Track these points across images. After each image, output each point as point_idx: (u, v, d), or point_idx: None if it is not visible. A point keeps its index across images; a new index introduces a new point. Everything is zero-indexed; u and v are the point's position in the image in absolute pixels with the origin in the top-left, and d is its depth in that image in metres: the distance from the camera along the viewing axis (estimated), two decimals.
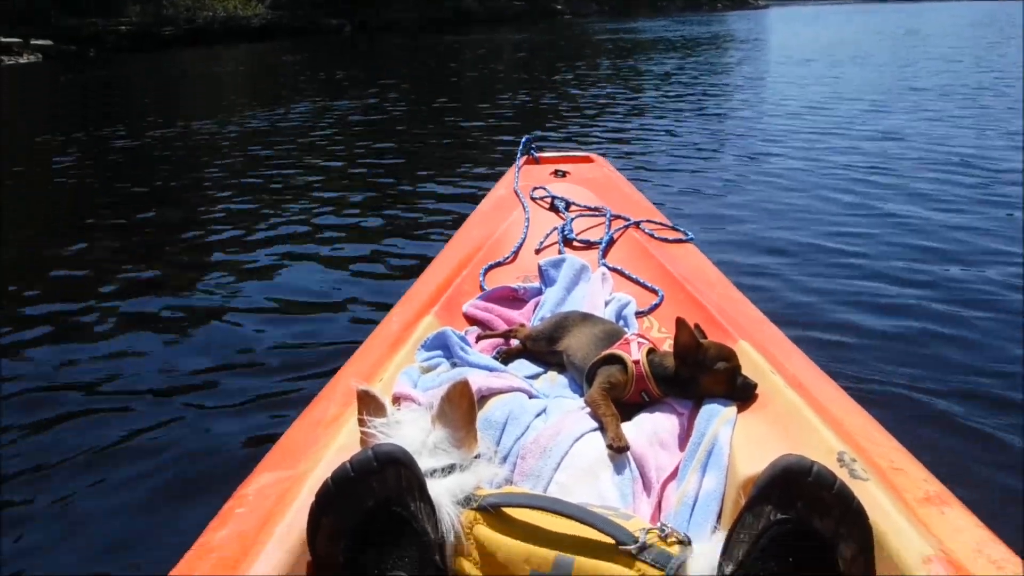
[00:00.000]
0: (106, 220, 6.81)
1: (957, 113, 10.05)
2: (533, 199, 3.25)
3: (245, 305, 4.49)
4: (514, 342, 2.28)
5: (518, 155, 3.75)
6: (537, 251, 2.88)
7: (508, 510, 1.28)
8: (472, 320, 2.45)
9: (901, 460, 1.43)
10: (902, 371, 3.26)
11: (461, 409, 1.45)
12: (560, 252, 2.83)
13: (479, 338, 2.33)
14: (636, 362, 1.86)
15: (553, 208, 3.19)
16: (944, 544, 1.16)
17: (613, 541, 1.21)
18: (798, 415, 1.63)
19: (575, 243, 2.91)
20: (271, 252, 5.52)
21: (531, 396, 1.91)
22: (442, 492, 1.29)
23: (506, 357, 2.22)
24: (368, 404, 1.52)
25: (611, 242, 2.89)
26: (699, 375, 1.80)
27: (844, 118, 10.16)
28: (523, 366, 2.18)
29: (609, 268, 2.71)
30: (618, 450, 1.65)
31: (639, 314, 2.44)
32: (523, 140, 3.84)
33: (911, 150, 7.86)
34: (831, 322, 3.80)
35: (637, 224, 2.97)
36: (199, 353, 3.83)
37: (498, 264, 2.79)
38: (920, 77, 14.56)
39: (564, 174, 3.60)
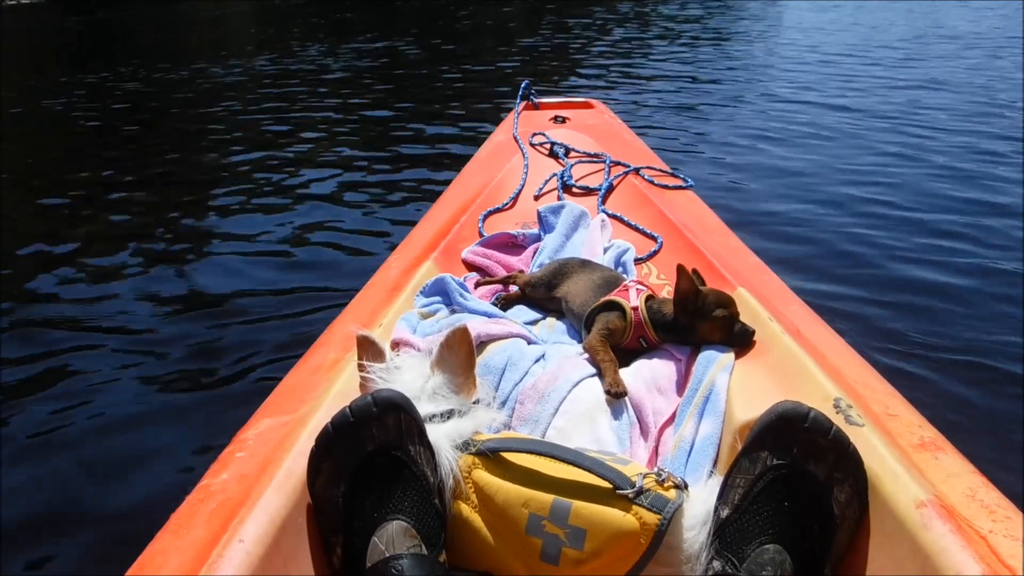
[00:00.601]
0: (109, 165, 6.77)
1: (986, 63, 9.79)
2: (532, 145, 3.22)
3: (243, 249, 4.49)
4: (513, 288, 2.28)
5: (517, 100, 3.71)
6: (536, 197, 2.87)
7: (506, 455, 1.29)
8: (471, 266, 2.45)
9: (896, 406, 1.43)
10: (905, 322, 3.26)
11: (460, 355, 1.45)
12: (559, 198, 2.82)
13: (478, 284, 2.33)
14: (635, 308, 1.86)
15: (552, 154, 3.16)
16: (938, 489, 1.17)
17: (610, 485, 1.22)
18: (795, 362, 1.63)
19: (574, 189, 2.89)
20: (271, 197, 5.52)
21: (530, 342, 1.91)
22: (441, 437, 1.30)
23: (505, 303, 2.22)
24: (367, 349, 1.52)
25: (610, 188, 2.87)
26: (697, 322, 1.80)
27: (868, 68, 9.95)
28: (522, 312, 2.19)
29: (608, 214, 2.70)
30: (616, 395, 1.66)
31: (638, 260, 2.44)
32: (522, 85, 3.80)
33: (931, 102, 7.71)
34: (833, 271, 3.80)
35: (637, 171, 2.96)
36: (198, 297, 3.84)
37: (497, 210, 2.78)
38: (951, 24, 13.95)
39: (563, 120, 3.57)
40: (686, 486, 1.27)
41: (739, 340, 1.79)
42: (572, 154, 3.13)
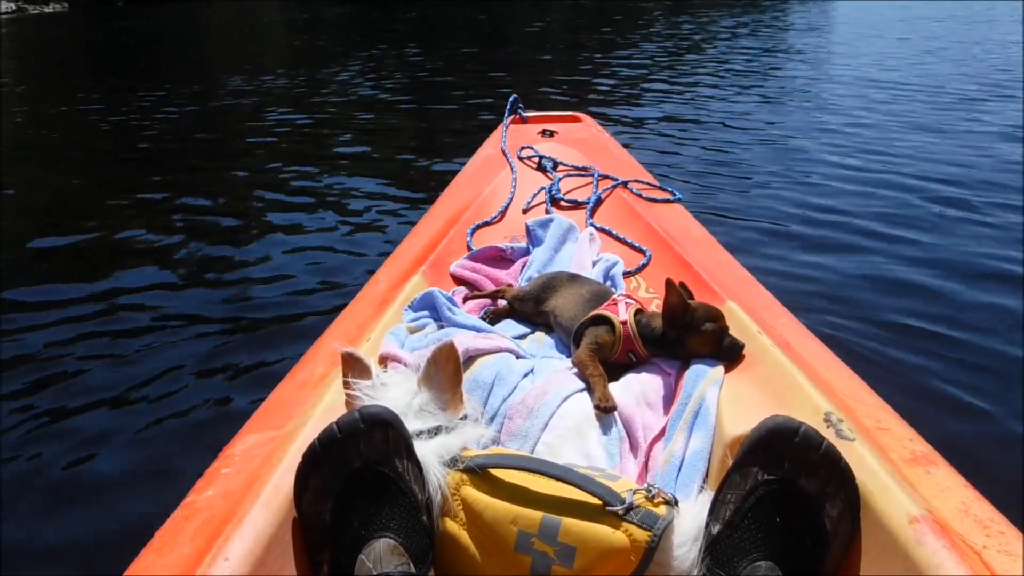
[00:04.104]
0: (126, 175, 6.80)
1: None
2: (520, 159, 3.22)
3: (231, 264, 4.46)
4: (501, 302, 2.28)
5: (505, 114, 3.71)
6: (524, 211, 2.87)
7: (495, 471, 1.28)
8: (459, 280, 2.44)
9: (887, 420, 1.43)
10: (894, 336, 3.26)
11: (447, 371, 1.44)
12: (548, 212, 2.82)
13: (466, 298, 2.32)
14: (624, 322, 1.86)
15: (540, 168, 3.16)
16: (930, 503, 1.16)
17: (600, 502, 1.21)
18: (785, 376, 1.62)
19: (562, 203, 2.89)
20: (258, 213, 5.51)
21: (518, 356, 1.90)
22: (429, 453, 1.29)
23: (493, 317, 2.21)
24: (353, 366, 1.50)
25: (598, 202, 2.88)
26: (686, 336, 1.80)
27: (870, 78, 9.95)
28: (510, 326, 2.18)
29: (597, 228, 2.70)
30: (605, 410, 1.65)
31: (627, 274, 2.44)
32: (510, 99, 3.81)
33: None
34: (822, 286, 3.79)
35: (625, 184, 2.96)
36: (184, 313, 3.80)
37: (485, 224, 2.78)
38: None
39: (552, 134, 3.58)
40: (676, 502, 1.26)
41: (728, 354, 1.79)
42: (560, 167, 3.14)
